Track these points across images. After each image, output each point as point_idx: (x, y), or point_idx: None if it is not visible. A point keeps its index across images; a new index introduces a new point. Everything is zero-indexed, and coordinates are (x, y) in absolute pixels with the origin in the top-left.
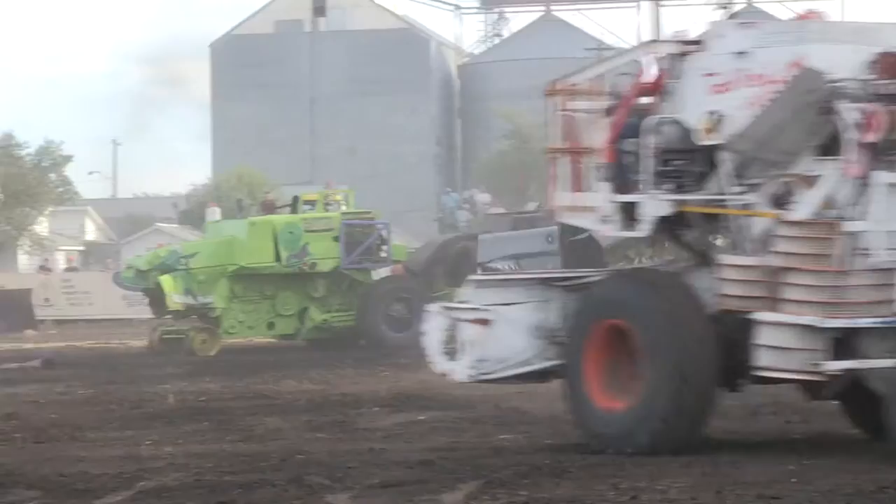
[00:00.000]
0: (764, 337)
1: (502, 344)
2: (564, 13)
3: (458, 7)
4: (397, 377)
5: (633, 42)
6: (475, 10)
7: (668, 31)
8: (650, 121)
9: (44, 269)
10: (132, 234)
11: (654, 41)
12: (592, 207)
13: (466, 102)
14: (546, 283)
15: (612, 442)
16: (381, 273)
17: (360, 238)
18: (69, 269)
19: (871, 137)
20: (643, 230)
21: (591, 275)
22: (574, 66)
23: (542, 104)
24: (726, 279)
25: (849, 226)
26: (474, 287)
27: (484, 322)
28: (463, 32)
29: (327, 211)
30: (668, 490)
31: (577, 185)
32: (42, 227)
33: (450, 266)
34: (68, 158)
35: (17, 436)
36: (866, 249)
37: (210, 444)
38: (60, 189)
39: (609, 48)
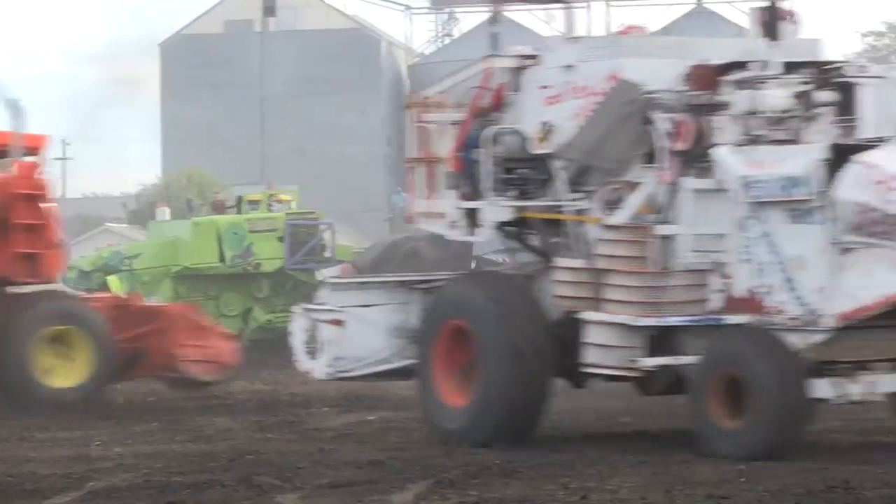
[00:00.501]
0: (590, 335)
1: (359, 343)
2: (514, 13)
3: (408, 7)
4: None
5: None
6: (425, 11)
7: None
8: (489, 131)
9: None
10: (81, 235)
11: (493, 56)
12: (442, 213)
13: None
14: (406, 285)
15: (454, 436)
16: (325, 273)
17: (304, 238)
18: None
19: (680, 146)
20: (485, 235)
21: (444, 278)
22: None
23: None
24: (559, 281)
25: (661, 229)
26: (330, 289)
27: (338, 322)
28: (413, 32)
29: (271, 211)
30: (618, 490)
31: (431, 192)
32: None
33: (398, 266)
34: None
35: None
36: (678, 252)
37: (159, 445)
38: None
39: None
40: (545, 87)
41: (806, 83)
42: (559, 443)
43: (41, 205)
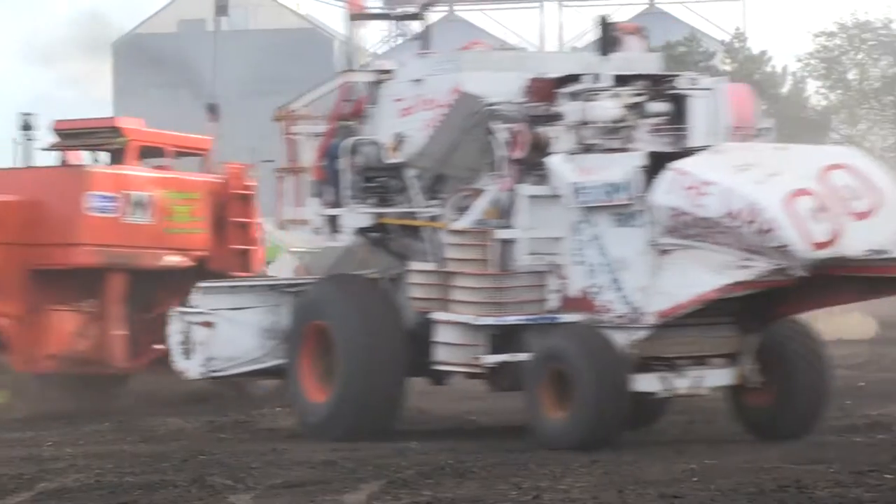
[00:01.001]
0: (439, 335)
1: (230, 344)
2: (468, 13)
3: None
4: None
5: (535, 43)
6: (379, 10)
7: (571, 32)
8: (347, 142)
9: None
10: None
11: (351, 70)
12: (307, 220)
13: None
14: (277, 289)
15: (316, 431)
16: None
17: None
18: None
19: (518, 155)
20: (344, 240)
21: (309, 281)
22: None
23: None
24: (413, 283)
25: (501, 233)
26: (202, 293)
27: (208, 325)
28: (366, 32)
29: None
30: (570, 490)
31: (298, 200)
32: None
33: (356, 269)
34: None
35: None
36: (517, 255)
37: (111, 445)
38: None
39: (512, 48)
40: (399, 99)
41: (639, 95)
42: (512, 443)
43: (250, 204)
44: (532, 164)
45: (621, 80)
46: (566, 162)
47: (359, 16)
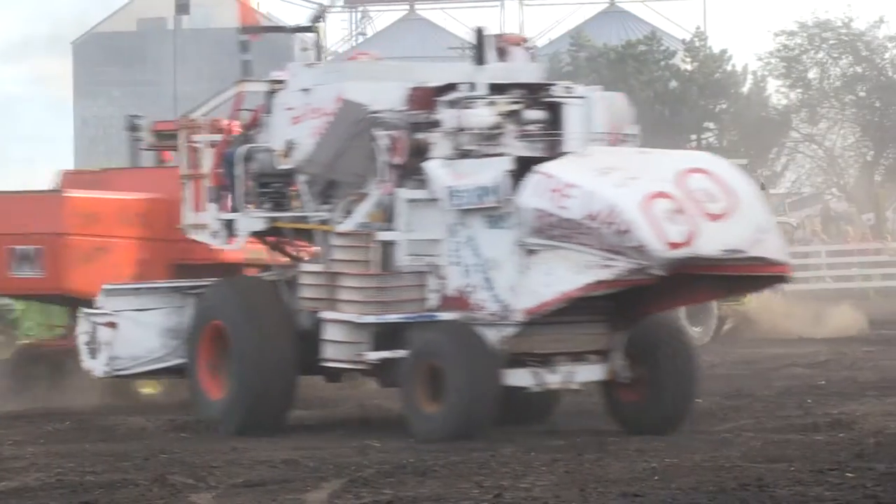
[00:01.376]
0: (327, 333)
1: (133, 344)
2: (428, 12)
3: (321, 5)
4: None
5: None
6: (339, 9)
7: (532, 31)
8: (243, 150)
9: None
10: None
11: (246, 80)
12: (206, 224)
13: None
14: (181, 290)
15: (213, 426)
16: None
17: None
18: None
19: (397, 160)
20: (240, 244)
21: (209, 283)
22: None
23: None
24: (303, 284)
25: (382, 236)
26: (105, 295)
27: (111, 325)
28: (327, 31)
29: None
30: (531, 488)
31: (198, 205)
32: None
33: None
34: None
35: None
36: (399, 256)
37: (72, 444)
38: None
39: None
40: (290, 108)
41: (516, 102)
42: (474, 442)
43: None
44: (411, 169)
45: (498, 89)
46: (442, 167)
47: (251, 29)
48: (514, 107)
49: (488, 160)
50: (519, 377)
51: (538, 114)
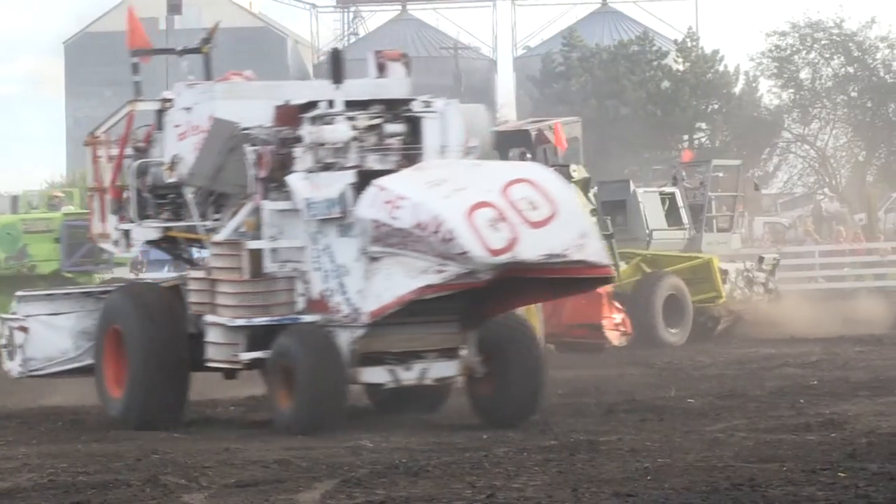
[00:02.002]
0: (209, 335)
1: (47, 346)
2: (420, 12)
3: (314, 6)
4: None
5: (488, 42)
6: (331, 9)
7: (524, 31)
8: (135, 164)
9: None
10: None
11: (137, 100)
12: (108, 234)
13: None
14: (92, 295)
15: (116, 423)
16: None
17: (82, 240)
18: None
19: (263, 173)
20: (135, 251)
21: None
22: (429, 64)
23: None
24: (190, 289)
25: (252, 244)
26: (18, 301)
27: (24, 329)
28: (319, 30)
29: (50, 210)
30: (524, 488)
31: (103, 216)
32: None
33: None
34: None
35: None
36: (268, 263)
37: (64, 444)
38: None
39: (467, 47)
40: (176, 125)
41: (376, 117)
42: (466, 442)
43: None
44: (277, 181)
45: (359, 105)
46: (302, 180)
47: (141, 51)
48: (374, 121)
49: (338, 174)
50: (375, 374)
51: (398, 127)
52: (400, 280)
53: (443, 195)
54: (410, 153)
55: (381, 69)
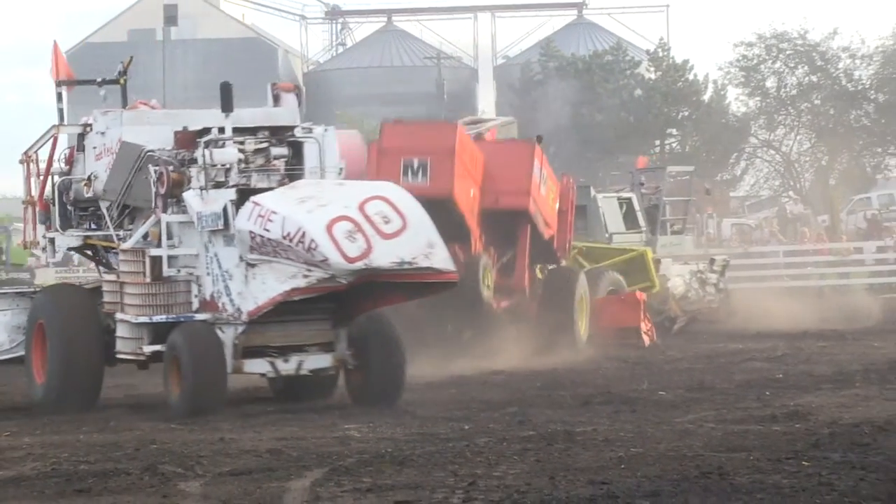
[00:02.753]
0: (118, 331)
1: None
2: (405, 24)
3: (303, 17)
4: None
5: (469, 52)
6: (320, 21)
7: (503, 42)
8: (59, 180)
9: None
10: None
11: (60, 125)
12: (37, 241)
13: (312, 107)
14: (26, 295)
15: (40, 408)
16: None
17: None
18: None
19: (163, 190)
20: (59, 257)
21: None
22: (413, 73)
23: (384, 109)
24: (104, 290)
25: (153, 251)
26: None
27: None
28: (308, 41)
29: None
30: (504, 476)
31: (34, 226)
32: None
33: None
34: None
35: None
36: (168, 268)
37: (66, 435)
38: None
39: (449, 57)
40: (94, 147)
41: (263, 142)
42: (449, 432)
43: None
44: (176, 196)
45: (250, 131)
46: (195, 196)
47: (66, 82)
48: (261, 146)
49: (223, 191)
50: (257, 366)
51: (282, 151)
52: (272, 284)
53: (307, 210)
54: (293, 173)
55: (277, 99)
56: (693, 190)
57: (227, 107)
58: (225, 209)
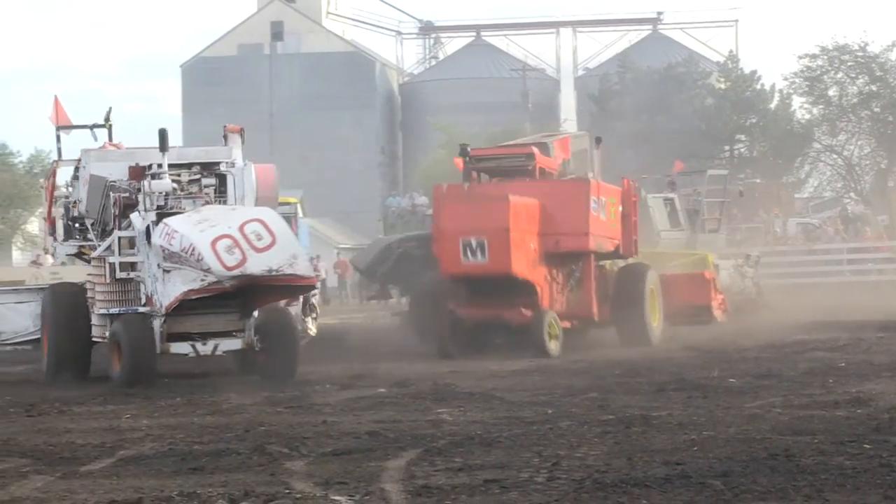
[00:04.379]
0: (92, 319)
1: (14, 324)
2: (493, 38)
3: (399, 33)
4: (348, 360)
5: (552, 64)
6: (415, 36)
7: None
8: (64, 202)
9: (35, 263)
10: None
11: (60, 160)
12: (47, 249)
13: (407, 116)
14: (42, 290)
15: (45, 379)
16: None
17: None
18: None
19: (116, 211)
20: (58, 261)
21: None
22: (500, 84)
23: (473, 118)
24: (88, 288)
25: (111, 258)
26: None
27: None
28: (403, 55)
29: None
30: (585, 457)
31: (46, 236)
32: (33, 226)
33: (392, 266)
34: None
35: (11, 410)
36: (120, 271)
37: (182, 417)
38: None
39: (533, 69)
40: (82, 177)
41: (196, 174)
42: (534, 416)
43: (636, 206)
44: (126, 217)
45: (186, 166)
46: (137, 217)
47: (64, 127)
48: (195, 177)
49: (149, 213)
50: (182, 347)
51: (211, 181)
52: (178, 285)
53: (200, 230)
54: (220, 200)
55: (226, 139)
56: (728, 192)
57: (163, 147)
58: (147, 228)
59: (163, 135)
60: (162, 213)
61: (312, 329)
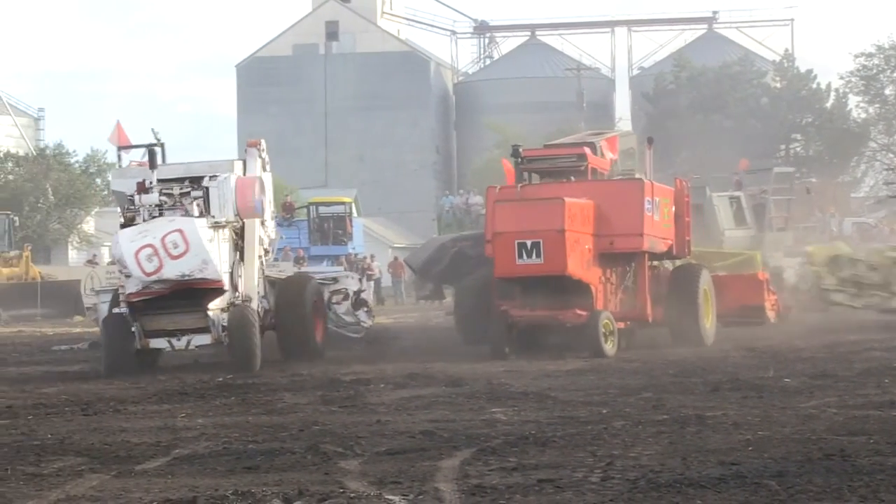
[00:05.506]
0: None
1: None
2: (547, 38)
3: (454, 32)
4: (403, 359)
5: (607, 63)
6: (469, 35)
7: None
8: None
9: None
10: None
11: (121, 175)
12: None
13: (461, 116)
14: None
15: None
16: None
17: None
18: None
19: (124, 220)
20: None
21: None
22: (555, 83)
23: (528, 117)
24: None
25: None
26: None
27: None
28: (458, 54)
29: None
30: (639, 457)
31: None
32: (89, 225)
33: (447, 265)
34: (112, 165)
35: (67, 409)
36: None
37: (236, 417)
38: (105, 192)
39: (588, 68)
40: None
41: (187, 188)
42: (588, 416)
43: (688, 207)
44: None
45: (177, 181)
46: (121, 229)
47: (125, 147)
48: (184, 190)
49: (131, 224)
50: (158, 343)
51: (198, 193)
52: (128, 287)
53: (130, 240)
54: (206, 210)
55: (246, 151)
56: (794, 189)
57: (152, 165)
58: (117, 237)
59: (152, 153)
60: (125, 225)
61: (367, 322)
